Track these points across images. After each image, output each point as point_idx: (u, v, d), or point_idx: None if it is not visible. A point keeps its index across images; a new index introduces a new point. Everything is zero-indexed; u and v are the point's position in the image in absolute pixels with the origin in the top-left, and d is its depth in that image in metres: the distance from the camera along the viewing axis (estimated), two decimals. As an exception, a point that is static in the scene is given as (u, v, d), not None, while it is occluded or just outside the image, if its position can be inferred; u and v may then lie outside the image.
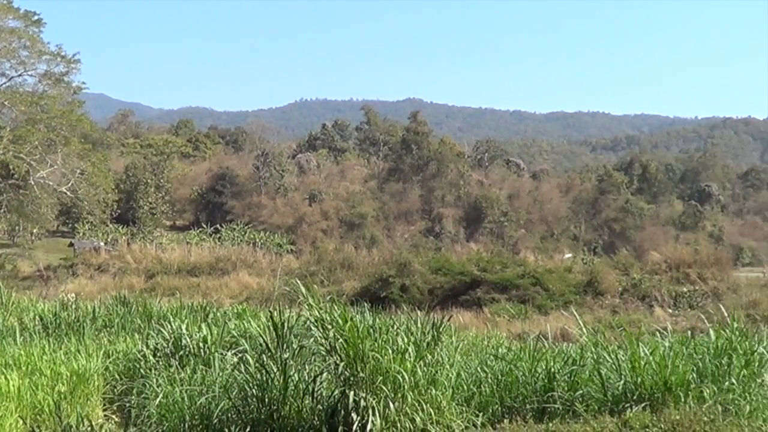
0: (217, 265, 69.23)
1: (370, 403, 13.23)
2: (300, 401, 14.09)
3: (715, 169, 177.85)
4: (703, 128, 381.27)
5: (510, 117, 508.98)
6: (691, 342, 17.44)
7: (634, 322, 40.32)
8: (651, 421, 13.38)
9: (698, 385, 15.19)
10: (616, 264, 66.45)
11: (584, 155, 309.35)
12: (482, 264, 60.97)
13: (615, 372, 15.24)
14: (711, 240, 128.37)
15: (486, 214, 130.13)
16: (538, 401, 15.13)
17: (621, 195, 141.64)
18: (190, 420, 14.39)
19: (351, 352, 13.58)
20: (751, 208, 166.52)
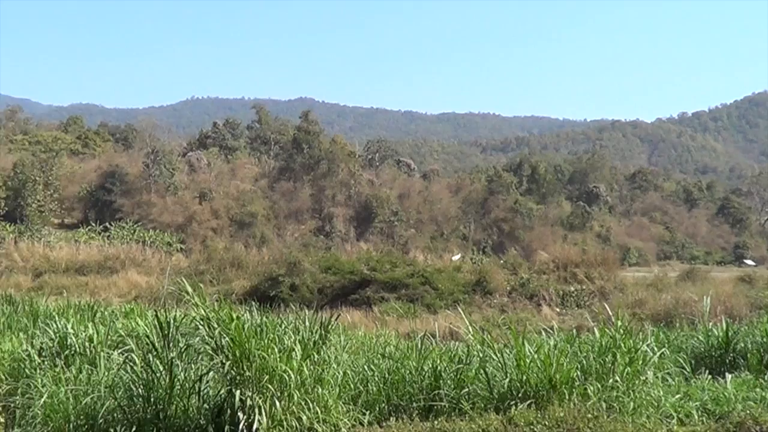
0: (106, 264, 68.46)
1: (256, 402, 13.23)
2: (186, 400, 14.03)
3: (603, 170, 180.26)
4: (592, 130, 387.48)
5: (401, 117, 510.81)
6: (576, 340, 17.71)
7: (522, 321, 40.82)
8: (536, 418, 13.59)
9: (583, 382, 15.44)
10: (505, 263, 67.24)
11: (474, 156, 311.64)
12: (372, 263, 61.20)
13: (501, 370, 15.41)
14: (598, 240, 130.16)
15: (376, 214, 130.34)
16: (424, 399, 15.24)
17: (510, 195, 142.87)
18: (76, 420, 14.19)
19: (237, 351, 13.56)
20: (638, 209, 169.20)
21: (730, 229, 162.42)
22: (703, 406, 16.47)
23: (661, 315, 42.74)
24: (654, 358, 17.41)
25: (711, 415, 15.97)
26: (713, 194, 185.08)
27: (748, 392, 17.75)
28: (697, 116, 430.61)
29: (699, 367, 20.60)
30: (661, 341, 21.96)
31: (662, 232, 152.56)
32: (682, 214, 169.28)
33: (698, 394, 17.14)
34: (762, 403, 16.92)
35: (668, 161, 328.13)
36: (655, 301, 48.89)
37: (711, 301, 35.74)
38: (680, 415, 15.73)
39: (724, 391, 17.43)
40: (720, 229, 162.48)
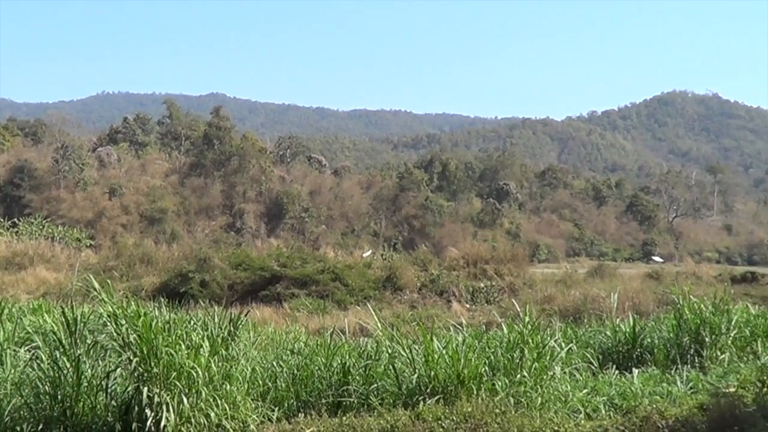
0: (13, 260, 67.37)
1: (164, 399, 13.14)
2: (93, 398, 13.86)
3: (513, 168, 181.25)
4: (503, 128, 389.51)
5: (313, 113, 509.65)
6: (485, 336, 17.83)
7: (432, 317, 40.82)
8: (444, 413, 13.63)
9: (491, 378, 15.55)
10: (415, 260, 67.35)
11: (386, 153, 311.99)
12: (282, 259, 61.05)
13: (409, 366, 15.46)
14: (508, 237, 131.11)
15: (287, 210, 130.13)
16: (333, 395, 15.27)
17: (421, 192, 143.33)
18: (-19, 417, 13.97)
19: (145, 348, 13.44)
20: (547, 206, 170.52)
21: (639, 226, 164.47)
22: (610, 400, 16.67)
23: (570, 311, 43.01)
24: (561, 354, 17.59)
25: (618, 410, 16.16)
26: (622, 192, 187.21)
27: (655, 387, 18.00)
28: (606, 115, 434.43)
29: (606, 363, 20.84)
30: (569, 337, 22.19)
31: (571, 229, 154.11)
32: (591, 212, 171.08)
33: (605, 389, 17.34)
34: (668, 397, 17.17)
35: (578, 159, 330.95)
36: (564, 297, 49.16)
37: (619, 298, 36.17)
38: (588, 409, 15.90)
39: (630, 386, 17.66)
40: (628, 227, 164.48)
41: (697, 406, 15.87)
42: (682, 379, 18.93)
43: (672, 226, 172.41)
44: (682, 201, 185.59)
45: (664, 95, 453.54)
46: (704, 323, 21.93)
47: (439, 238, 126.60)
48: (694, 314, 22.25)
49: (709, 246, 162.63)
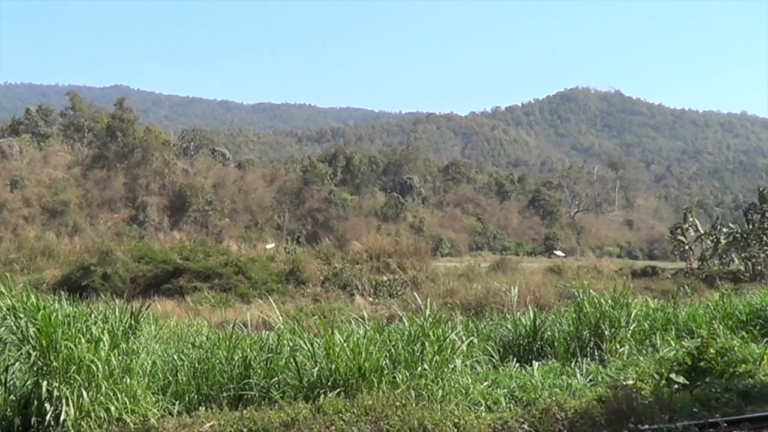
0: None
1: (63, 393, 13.00)
2: (-8, 392, 13.67)
3: (417, 162, 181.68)
4: (407, 122, 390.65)
5: (217, 106, 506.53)
6: (386, 329, 17.86)
7: (335, 311, 40.84)
8: (344, 406, 13.64)
9: (392, 370, 15.60)
10: (319, 253, 67.35)
11: (290, 146, 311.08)
12: (185, 253, 60.77)
13: (311, 359, 15.46)
14: (412, 231, 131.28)
15: (191, 203, 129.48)
16: (234, 389, 15.23)
17: (325, 186, 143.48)
18: None
19: (44, 341, 13.29)
20: (450, 201, 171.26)
21: (541, 220, 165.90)
22: (510, 393, 16.83)
23: (472, 304, 43.26)
24: (462, 347, 17.71)
25: (518, 402, 16.33)
26: (525, 187, 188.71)
27: (555, 379, 18.22)
28: (510, 110, 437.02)
29: (507, 356, 21.03)
30: (470, 330, 22.31)
31: (474, 224, 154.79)
32: (494, 206, 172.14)
33: (506, 382, 17.51)
34: (568, 389, 17.39)
35: (481, 154, 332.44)
36: (466, 291, 49.43)
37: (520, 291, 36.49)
38: (488, 402, 16.03)
39: (531, 379, 17.86)
40: (531, 221, 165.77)
41: (596, 398, 16.08)
42: (582, 372, 19.18)
43: (574, 220, 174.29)
44: (584, 196, 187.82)
45: (567, 91, 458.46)
46: (604, 317, 22.24)
47: (343, 231, 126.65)
48: (593, 308, 22.55)
49: (610, 241, 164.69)
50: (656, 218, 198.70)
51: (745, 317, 27.39)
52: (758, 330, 26.11)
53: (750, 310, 27.84)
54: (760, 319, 27.23)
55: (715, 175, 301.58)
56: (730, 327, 26.20)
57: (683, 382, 18.53)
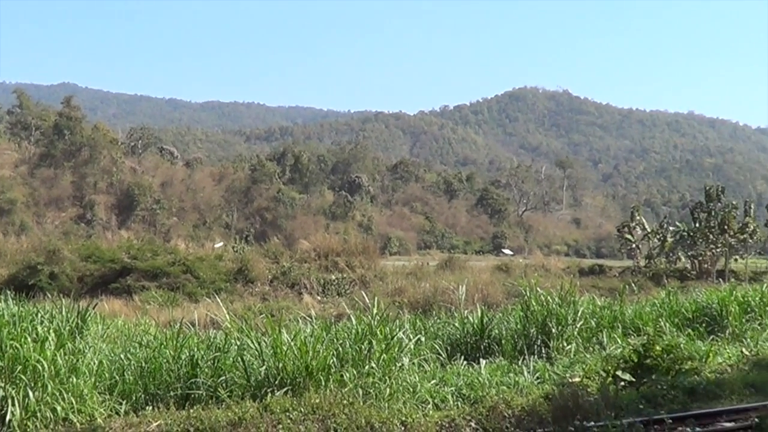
0: None
1: (9, 393, 12.88)
2: (-65, 393, 13.53)
3: (365, 161, 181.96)
4: (356, 121, 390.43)
5: (165, 105, 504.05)
6: (333, 328, 17.86)
7: (283, 309, 40.80)
8: (292, 405, 13.63)
9: (339, 369, 15.60)
10: (267, 252, 67.24)
11: (238, 145, 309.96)
12: (133, 252, 60.44)
13: (258, 358, 15.43)
14: (360, 229, 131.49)
15: (138, 202, 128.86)
16: (181, 388, 15.15)
17: (273, 185, 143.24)
18: None
19: (-11, 341, 13.19)
20: (399, 199, 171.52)
21: (489, 219, 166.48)
22: (458, 391, 16.89)
23: (420, 303, 43.40)
24: (410, 345, 17.74)
25: (466, 400, 16.39)
26: (473, 185, 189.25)
27: (502, 377, 18.31)
28: (458, 109, 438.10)
29: (455, 354, 21.09)
30: (418, 328, 22.37)
31: (423, 222, 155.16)
32: (442, 205, 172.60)
33: (454, 380, 17.57)
34: (515, 387, 17.50)
35: (430, 153, 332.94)
36: (415, 289, 49.62)
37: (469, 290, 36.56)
38: (436, 400, 16.09)
39: (478, 377, 17.93)
40: (479, 220, 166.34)
41: (543, 396, 16.19)
42: (529, 370, 19.28)
43: (522, 219, 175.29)
44: (531, 195, 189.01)
45: (516, 91, 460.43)
46: (551, 315, 22.38)
47: (291, 230, 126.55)
48: (541, 306, 22.67)
49: (558, 239, 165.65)
50: (604, 217, 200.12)
51: (691, 315, 27.67)
52: (704, 327, 26.38)
53: (696, 308, 28.12)
54: (706, 317, 27.52)
55: (662, 174, 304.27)
56: (677, 324, 26.45)
57: (630, 380, 18.67)
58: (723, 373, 21.43)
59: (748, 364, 22.54)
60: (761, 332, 27.00)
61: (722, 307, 27.84)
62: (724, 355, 23.25)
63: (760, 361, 22.96)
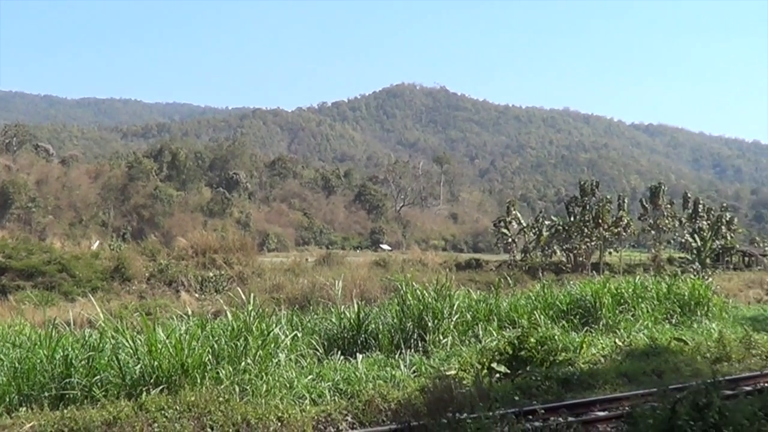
0: None
1: None
2: None
3: (243, 157, 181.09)
4: (233, 118, 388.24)
5: (40, 101, 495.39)
6: (209, 325, 17.85)
7: (160, 307, 40.53)
8: (167, 403, 13.61)
9: (215, 366, 15.61)
10: (144, 250, 66.60)
11: (115, 142, 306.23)
12: (7, 251, 59.38)
13: (133, 356, 15.36)
14: (238, 226, 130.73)
15: (13, 200, 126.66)
16: (56, 388, 15.01)
17: (150, 182, 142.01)
18: None
19: None
20: (277, 196, 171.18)
21: (367, 215, 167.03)
22: (335, 386, 17.01)
23: (299, 299, 43.41)
24: (286, 341, 17.82)
25: (343, 395, 16.52)
26: (351, 181, 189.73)
27: (379, 371, 18.47)
28: (336, 106, 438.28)
29: (332, 349, 21.21)
30: (295, 324, 22.40)
31: (301, 218, 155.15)
32: (320, 201, 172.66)
33: (331, 375, 17.69)
34: (392, 381, 17.66)
35: (308, 149, 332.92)
36: (293, 285, 49.63)
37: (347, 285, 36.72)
38: (313, 395, 16.18)
39: (355, 371, 18.07)
40: (357, 215, 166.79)
41: (419, 388, 16.37)
42: (406, 363, 19.47)
43: (399, 214, 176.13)
44: (409, 190, 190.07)
45: (394, 87, 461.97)
46: (427, 309, 22.62)
47: (169, 227, 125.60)
48: (417, 300, 22.88)
49: (435, 234, 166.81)
50: (480, 212, 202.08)
51: (565, 307, 28.20)
52: (578, 319, 26.93)
53: (570, 300, 28.68)
54: (581, 309, 28.09)
55: (538, 170, 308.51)
56: (551, 317, 26.93)
57: (505, 371, 18.99)
58: (597, 363, 21.91)
59: (621, 355, 23.09)
60: (634, 323, 27.69)
61: (596, 299, 28.46)
62: (598, 346, 23.76)
63: (633, 351, 23.53)
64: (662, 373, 20.85)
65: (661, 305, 31.30)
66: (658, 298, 31.90)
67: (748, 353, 24.39)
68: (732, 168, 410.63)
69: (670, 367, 21.46)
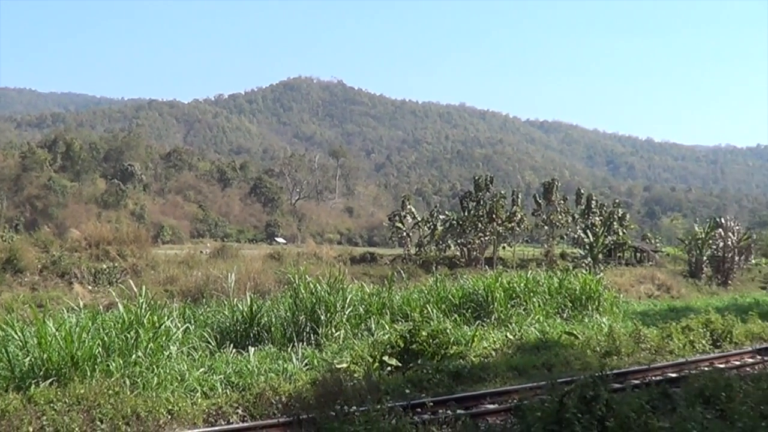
0: None
1: None
2: None
3: (138, 149, 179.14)
4: (129, 109, 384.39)
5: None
6: (100, 317, 17.73)
7: (54, 299, 40.08)
8: (56, 395, 13.52)
9: (105, 359, 15.53)
10: (37, 241, 65.68)
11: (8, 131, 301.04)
12: None
13: (22, 349, 15.21)
14: (133, 218, 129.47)
15: None
16: (-63, 385, 14.82)
17: (44, 172, 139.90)
18: None
19: None
20: (172, 188, 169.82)
21: (263, 208, 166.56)
22: (227, 378, 17.08)
23: (193, 291, 43.26)
24: (178, 334, 17.77)
25: (235, 388, 16.59)
26: (247, 174, 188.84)
27: (271, 364, 18.57)
28: (233, 98, 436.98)
29: (225, 341, 21.22)
30: (187, 317, 22.40)
31: (196, 211, 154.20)
32: (216, 193, 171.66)
33: (222, 368, 17.74)
34: (284, 374, 17.75)
35: (204, 141, 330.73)
36: (187, 278, 49.37)
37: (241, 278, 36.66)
38: (204, 388, 16.22)
39: (247, 364, 18.14)
40: (252, 208, 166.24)
41: (310, 381, 16.50)
42: (298, 356, 19.59)
43: (295, 208, 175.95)
44: (305, 184, 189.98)
45: (291, 80, 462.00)
46: (320, 302, 22.75)
47: (63, 219, 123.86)
48: (310, 293, 22.97)
49: (331, 227, 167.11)
50: (376, 206, 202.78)
51: (458, 301, 28.53)
52: (470, 313, 27.25)
53: (463, 294, 29.01)
54: (473, 303, 28.44)
55: (433, 164, 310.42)
56: (444, 310, 27.22)
57: (396, 364, 19.15)
58: (488, 357, 22.20)
59: (513, 348, 23.43)
60: (526, 317, 28.11)
61: (488, 294, 28.83)
62: (490, 339, 24.08)
63: (524, 345, 23.90)
64: (552, 366, 21.20)
65: (553, 300, 31.81)
66: (550, 292, 32.42)
67: (638, 347, 24.92)
68: (625, 165, 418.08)
69: (560, 361, 21.84)
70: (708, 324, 28.88)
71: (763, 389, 15.53)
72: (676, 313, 39.32)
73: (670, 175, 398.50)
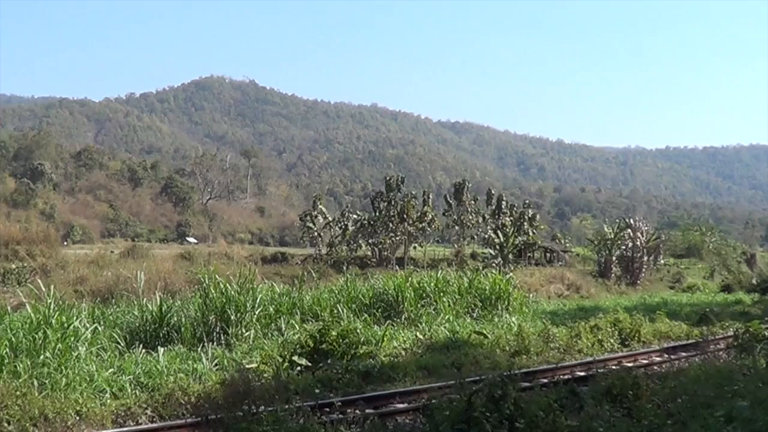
0: None
1: None
2: None
3: (48, 148, 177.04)
4: (39, 107, 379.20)
5: None
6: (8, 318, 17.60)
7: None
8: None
9: (13, 360, 15.40)
10: (-57, 241, 64.88)
11: None
12: None
13: None
14: (42, 217, 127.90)
15: None
16: None
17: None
18: None
19: None
20: (83, 187, 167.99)
21: (174, 207, 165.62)
22: (136, 379, 17.02)
23: (103, 291, 42.88)
24: (87, 334, 17.66)
25: (144, 388, 16.55)
26: (158, 174, 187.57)
27: (181, 364, 18.54)
28: (144, 97, 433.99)
29: (134, 342, 21.12)
30: (96, 317, 22.24)
31: (107, 210, 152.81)
32: (126, 193, 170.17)
33: (132, 368, 17.67)
34: (193, 374, 17.74)
35: (115, 140, 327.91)
36: (97, 278, 48.95)
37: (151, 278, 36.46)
38: (113, 389, 16.15)
39: (157, 364, 18.08)
40: (163, 208, 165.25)
41: (220, 381, 16.48)
42: (208, 357, 19.56)
43: (206, 207, 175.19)
44: (216, 183, 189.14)
45: (203, 80, 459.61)
46: (230, 302, 22.75)
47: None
48: (220, 293, 22.95)
49: (242, 227, 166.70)
50: (287, 206, 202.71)
51: (368, 301, 28.65)
52: (381, 312, 27.39)
53: (373, 294, 29.14)
54: (383, 303, 28.57)
55: (345, 165, 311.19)
56: (354, 310, 27.34)
57: (306, 364, 19.23)
58: (398, 356, 22.33)
59: (422, 348, 23.59)
60: (436, 317, 28.31)
61: (398, 293, 28.98)
62: (400, 339, 24.23)
63: (434, 344, 24.07)
64: (462, 365, 21.37)
65: (463, 299, 32.08)
66: (460, 292, 32.68)
67: (547, 346, 25.22)
68: (536, 166, 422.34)
69: (469, 360, 22.03)
70: (616, 323, 29.32)
71: (670, 387, 15.81)
72: (585, 312, 39.74)
73: (580, 176, 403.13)
